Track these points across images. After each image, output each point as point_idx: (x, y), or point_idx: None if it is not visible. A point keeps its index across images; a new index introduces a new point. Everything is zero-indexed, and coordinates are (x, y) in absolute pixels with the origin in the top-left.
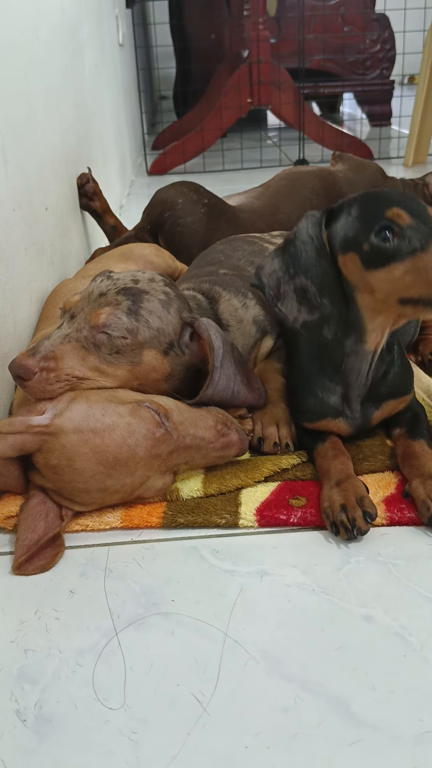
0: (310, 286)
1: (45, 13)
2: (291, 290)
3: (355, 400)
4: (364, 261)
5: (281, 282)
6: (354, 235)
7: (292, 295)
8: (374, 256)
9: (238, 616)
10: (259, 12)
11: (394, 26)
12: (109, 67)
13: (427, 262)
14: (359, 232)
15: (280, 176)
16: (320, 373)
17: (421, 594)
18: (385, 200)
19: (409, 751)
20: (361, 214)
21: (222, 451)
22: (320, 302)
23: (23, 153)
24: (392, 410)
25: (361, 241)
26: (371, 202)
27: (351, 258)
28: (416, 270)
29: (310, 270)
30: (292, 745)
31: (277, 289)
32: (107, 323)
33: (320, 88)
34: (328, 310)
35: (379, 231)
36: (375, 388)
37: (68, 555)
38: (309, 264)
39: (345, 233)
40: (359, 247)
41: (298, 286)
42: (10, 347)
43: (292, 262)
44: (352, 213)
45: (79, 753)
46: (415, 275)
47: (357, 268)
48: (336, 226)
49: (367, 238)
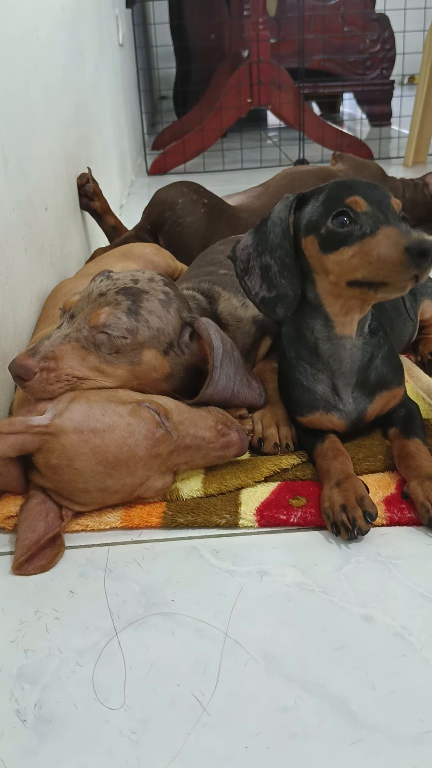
0: (273, 265)
1: (45, 13)
2: (257, 266)
3: (344, 390)
4: (321, 244)
5: (251, 258)
6: (316, 219)
7: (257, 272)
8: (329, 240)
9: (238, 616)
10: (259, 12)
11: (394, 26)
12: (109, 67)
13: (372, 245)
14: (320, 216)
15: (281, 176)
16: (299, 359)
17: (421, 594)
18: (348, 188)
19: (409, 751)
20: (325, 200)
21: (222, 451)
22: (279, 281)
23: (23, 153)
24: (386, 404)
25: (320, 225)
26: (337, 189)
27: (311, 240)
28: (362, 253)
29: (275, 250)
30: (292, 745)
31: (246, 263)
32: (107, 323)
33: (320, 88)
34: (283, 290)
35: (336, 216)
36: (364, 377)
37: (68, 555)
38: (275, 244)
39: (309, 217)
40: (318, 231)
41: (263, 264)
42: (10, 347)
43: (261, 240)
44: (320, 198)
45: (79, 753)
46: (360, 258)
47: (315, 250)
48: (305, 210)
49: (325, 222)
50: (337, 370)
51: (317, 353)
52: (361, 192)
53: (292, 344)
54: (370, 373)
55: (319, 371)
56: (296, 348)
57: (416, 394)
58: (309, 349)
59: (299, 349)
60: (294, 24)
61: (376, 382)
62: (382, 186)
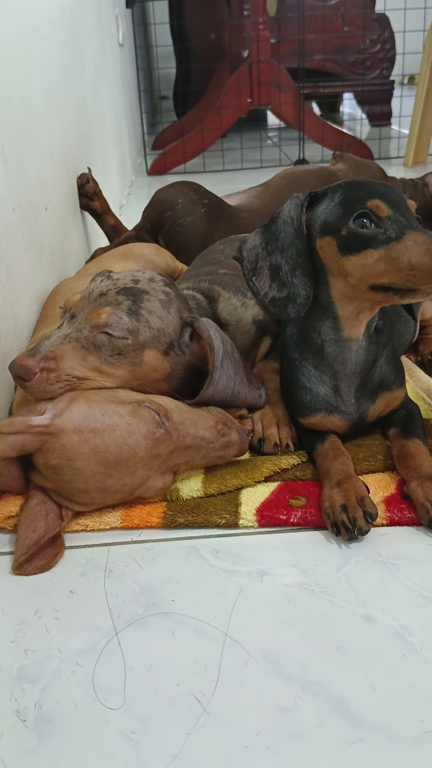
0: (284, 264)
1: (45, 13)
2: (267, 266)
3: (346, 392)
4: (340, 246)
5: (259, 258)
6: (333, 220)
7: (267, 272)
8: (350, 242)
9: (238, 616)
10: (259, 12)
11: (394, 26)
12: (109, 67)
13: (400, 251)
14: (339, 217)
15: (281, 176)
16: (302, 361)
17: (421, 594)
18: (367, 190)
19: (409, 751)
20: (343, 200)
21: (222, 451)
22: (290, 281)
23: (23, 153)
24: (387, 405)
25: (340, 227)
26: (354, 191)
27: (328, 242)
28: (389, 258)
29: (286, 249)
30: (292, 745)
31: (254, 263)
32: (108, 323)
33: (320, 88)
34: (296, 290)
35: (358, 218)
36: (367, 378)
37: (68, 555)
38: (286, 244)
39: (325, 217)
40: (337, 232)
41: (273, 264)
42: (10, 347)
43: (271, 240)
44: (335, 199)
45: (79, 753)
46: (387, 263)
47: (333, 252)
48: (317, 210)
49: (346, 223)
50: (340, 371)
51: (322, 355)
52: (381, 195)
53: (296, 346)
54: (374, 373)
55: (323, 373)
56: (300, 349)
57: (416, 395)
58: (313, 351)
59: (303, 351)
60: (294, 24)
61: (379, 383)
62: (395, 187)
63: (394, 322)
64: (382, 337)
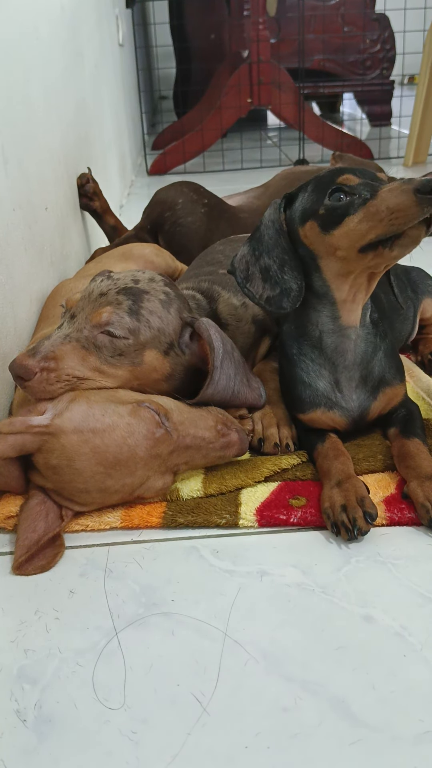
0: (272, 264)
1: (45, 13)
2: (257, 270)
3: (347, 386)
4: (321, 225)
5: (249, 265)
6: (310, 206)
7: (258, 275)
8: (330, 217)
9: (238, 616)
10: (259, 12)
11: (394, 26)
12: (109, 67)
13: (377, 204)
14: (314, 201)
15: (281, 176)
16: (301, 355)
17: (421, 594)
18: (336, 171)
19: (409, 751)
20: (315, 188)
21: (222, 451)
22: (281, 278)
23: (23, 153)
24: (388, 402)
25: (317, 208)
26: (323, 177)
27: (310, 226)
28: (369, 215)
29: (271, 250)
30: (292, 745)
31: (246, 271)
32: (108, 322)
33: (320, 88)
34: (287, 285)
35: (332, 194)
36: (367, 371)
37: (68, 555)
38: (270, 245)
39: (302, 207)
40: (316, 214)
41: (262, 266)
42: (10, 347)
43: (257, 246)
44: (308, 190)
45: (79, 753)
46: (369, 219)
47: (316, 233)
48: (294, 205)
49: (322, 202)
50: (340, 363)
51: (321, 347)
52: (349, 171)
53: (294, 340)
54: (374, 367)
55: (321, 366)
56: (298, 344)
57: (416, 394)
58: (312, 344)
59: (301, 345)
60: (294, 24)
61: (379, 377)
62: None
63: (392, 320)
64: (380, 329)
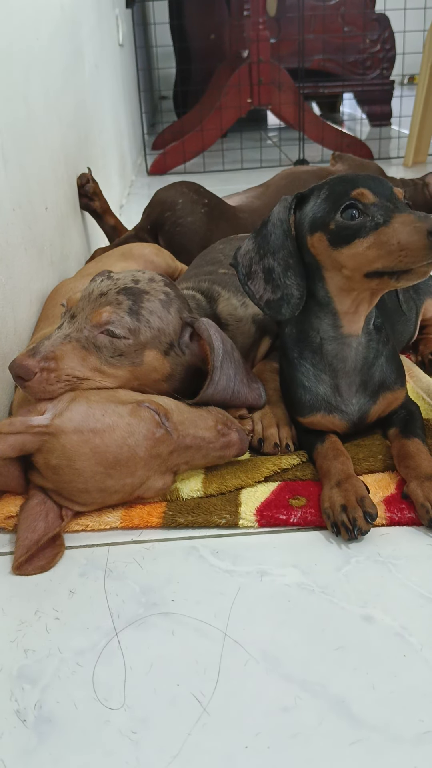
0: (276, 266)
1: (45, 13)
2: (260, 270)
3: (347, 391)
4: (330, 240)
5: (253, 262)
6: (321, 216)
7: (260, 275)
8: (340, 234)
9: (238, 616)
10: (259, 12)
11: (394, 26)
12: (109, 67)
13: (389, 234)
14: (326, 212)
15: (280, 176)
16: (301, 360)
17: (421, 594)
18: (351, 182)
19: (409, 751)
20: (328, 195)
21: (222, 451)
22: (283, 282)
23: (23, 153)
24: (388, 405)
25: (328, 221)
26: (338, 184)
27: (319, 238)
28: (379, 243)
29: (277, 252)
30: (292, 745)
31: (248, 268)
32: (108, 322)
33: (320, 88)
34: (289, 291)
35: (345, 210)
36: (368, 376)
37: (68, 555)
38: (276, 246)
39: (313, 215)
40: (326, 227)
41: (266, 267)
42: (10, 347)
43: (262, 244)
44: (321, 195)
45: (79, 753)
46: (378, 248)
47: (324, 247)
48: (305, 209)
49: (333, 217)
50: (341, 369)
51: (321, 353)
52: (365, 184)
53: (295, 345)
54: (374, 372)
55: (322, 371)
56: (299, 348)
57: (416, 394)
58: (312, 350)
59: (302, 350)
60: (294, 24)
61: (380, 382)
62: (381, 177)
63: (394, 322)
64: (383, 335)
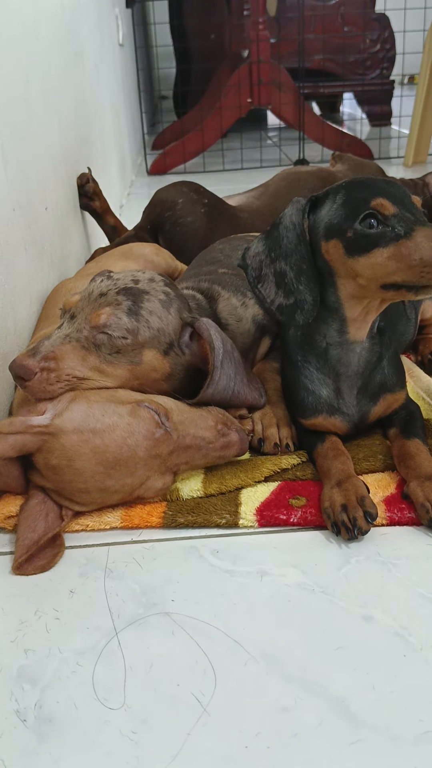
0: (289, 271)
1: (45, 13)
2: (271, 273)
3: (348, 393)
4: (347, 247)
5: (263, 265)
6: (338, 223)
7: (271, 278)
8: (358, 243)
9: (238, 616)
10: (259, 12)
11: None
12: (109, 67)
13: (411, 248)
14: (344, 219)
15: (280, 176)
16: (305, 363)
17: (421, 594)
18: (370, 189)
19: (409, 751)
20: (345, 201)
21: (222, 451)
22: (296, 288)
23: (23, 153)
24: (389, 407)
25: (346, 229)
26: (356, 191)
27: (334, 245)
28: (400, 256)
29: (289, 256)
30: (292, 745)
31: (258, 271)
32: (108, 323)
33: (320, 88)
34: (302, 297)
35: (364, 219)
36: (369, 379)
37: (68, 555)
38: (289, 250)
39: (329, 220)
40: (343, 234)
41: (277, 270)
42: (10, 347)
43: (274, 246)
44: (337, 200)
45: (79, 753)
46: (399, 261)
47: (340, 254)
48: (320, 213)
49: (352, 225)
50: (343, 373)
51: (326, 358)
52: (384, 193)
53: (299, 348)
54: (375, 375)
55: (325, 375)
56: (303, 351)
57: (416, 394)
58: (317, 354)
59: (306, 353)
60: (294, 24)
61: (380, 384)
62: (398, 183)
63: (395, 322)
64: (385, 338)
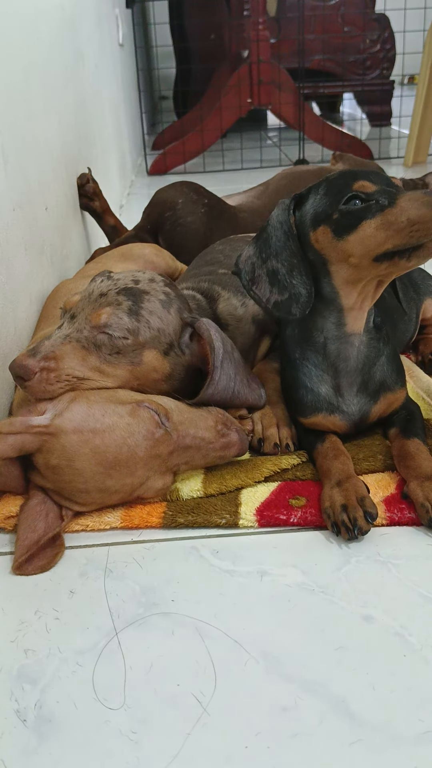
0: (280, 268)
1: (45, 13)
2: (264, 273)
3: (348, 391)
4: (335, 230)
5: (255, 267)
6: (323, 209)
7: (265, 278)
8: (345, 222)
9: (238, 616)
10: (259, 12)
11: (394, 26)
12: (109, 67)
13: (396, 213)
14: (328, 205)
15: (280, 176)
16: (304, 360)
17: (421, 594)
18: (350, 176)
19: (409, 751)
20: (328, 191)
21: (222, 452)
22: (289, 282)
23: (23, 153)
24: (389, 406)
25: (331, 213)
26: (337, 180)
27: (322, 231)
28: (387, 223)
29: (280, 253)
30: (292, 745)
31: (252, 273)
32: (108, 323)
33: (320, 88)
34: (296, 290)
35: (348, 201)
36: (368, 376)
37: (68, 555)
38: (279, 248)
39: (314, 210)
40: (329, 218)
41: (270, 269)
42: (10, 347)
43: (264, 247)
44: (320, 192)
45: (79, 753)
46: (387, 228)
47: (329, 239)
48: (305, 207)
49: (337, 207)
50: (342, 369)
51: (324, 353)
52: (364, 176)
53: (297, 345)
54: (375, 372)
55: (324, 372)
56: (301, 349)
57: (416, 394)
58: (315, 350)
59: (305, 350)
60: (294, 24)
61: (380, 382)
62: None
63: (396, 321)
64: (383, 334)
